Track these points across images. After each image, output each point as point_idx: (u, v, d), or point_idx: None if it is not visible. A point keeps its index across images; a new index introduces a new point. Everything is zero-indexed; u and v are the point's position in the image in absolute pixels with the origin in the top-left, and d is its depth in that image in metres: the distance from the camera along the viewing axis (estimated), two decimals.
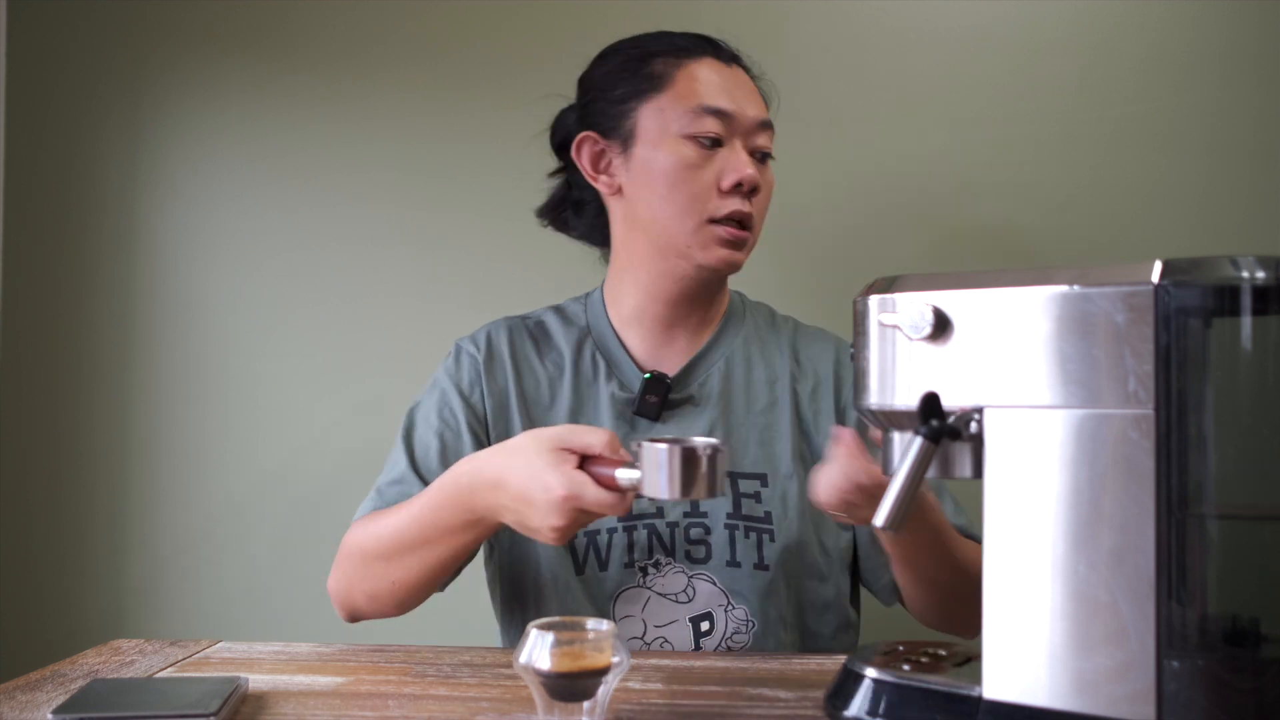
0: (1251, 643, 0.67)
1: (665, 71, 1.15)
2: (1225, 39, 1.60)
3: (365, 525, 1.09)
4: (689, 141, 1.12)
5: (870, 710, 0.77)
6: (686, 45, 1.17)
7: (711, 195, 1.12)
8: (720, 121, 1.12)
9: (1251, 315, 0.65)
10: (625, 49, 1.20)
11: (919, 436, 0.72)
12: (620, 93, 1.17)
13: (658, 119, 1.14)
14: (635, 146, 1.15)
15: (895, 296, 0.75)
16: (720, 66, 1.16)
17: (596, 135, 1.18)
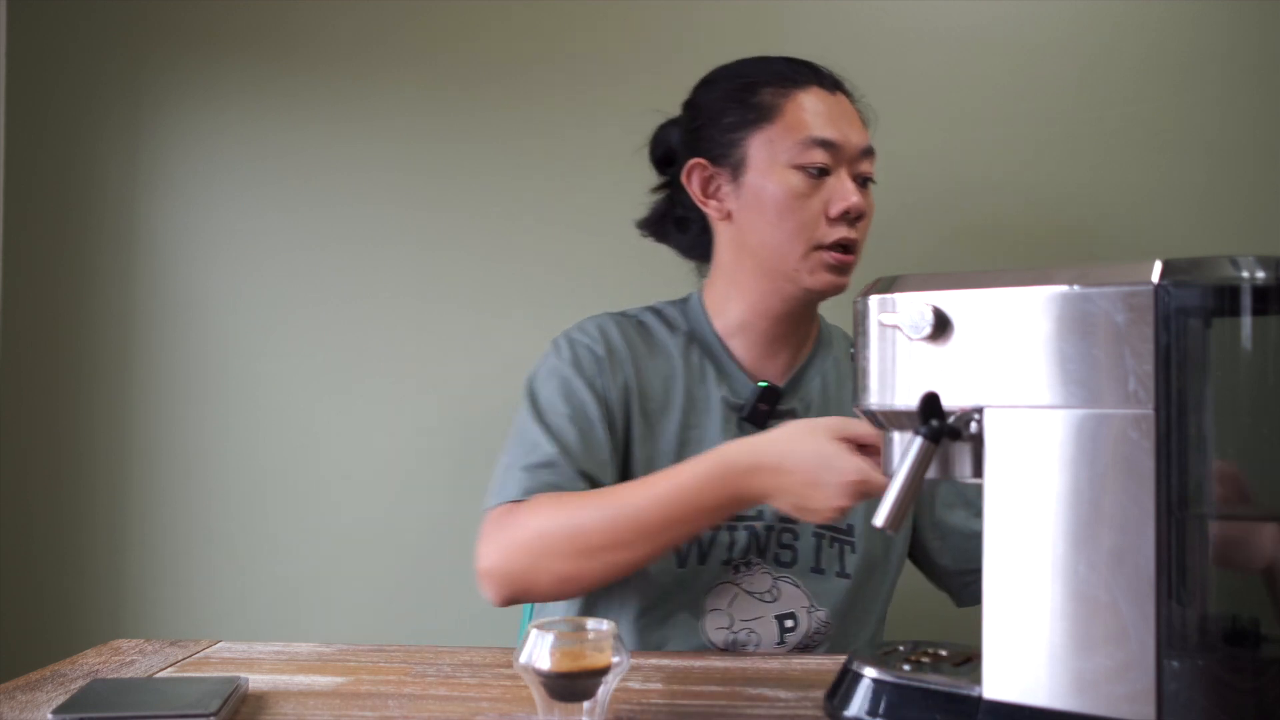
0: (1251, 643, 0.67)
1: (773, 102, 1.18)
2: (1225, 39, 1.60)
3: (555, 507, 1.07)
4: (797, 171, 1.16)
5: (870, 710, 0.77)
6: (792, 74, 1.19)
7: (819, 223, 1.16)
8: (827, 152, 1.16)
9: (1251, 315, 0.65)
10: (731, 76, 1.24)
11: (919, 436, 0.72)
12: (729, 122, 1.20)
13: (767, 149, 1.17)
14: (745, 175, 1.19)
15: (895, 296, 0.75)
16: (825, 95, 1.19)
17: (706, 162, 1.22)
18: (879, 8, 1.65)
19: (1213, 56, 1.60)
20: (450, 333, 1.70)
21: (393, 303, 1.69)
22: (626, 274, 1.68)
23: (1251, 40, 1.60)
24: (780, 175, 1.16)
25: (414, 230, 1.69)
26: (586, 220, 1.68)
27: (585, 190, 1.68)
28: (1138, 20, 1.61)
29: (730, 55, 1.56)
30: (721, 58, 1.69)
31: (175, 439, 1.71)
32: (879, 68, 1.65)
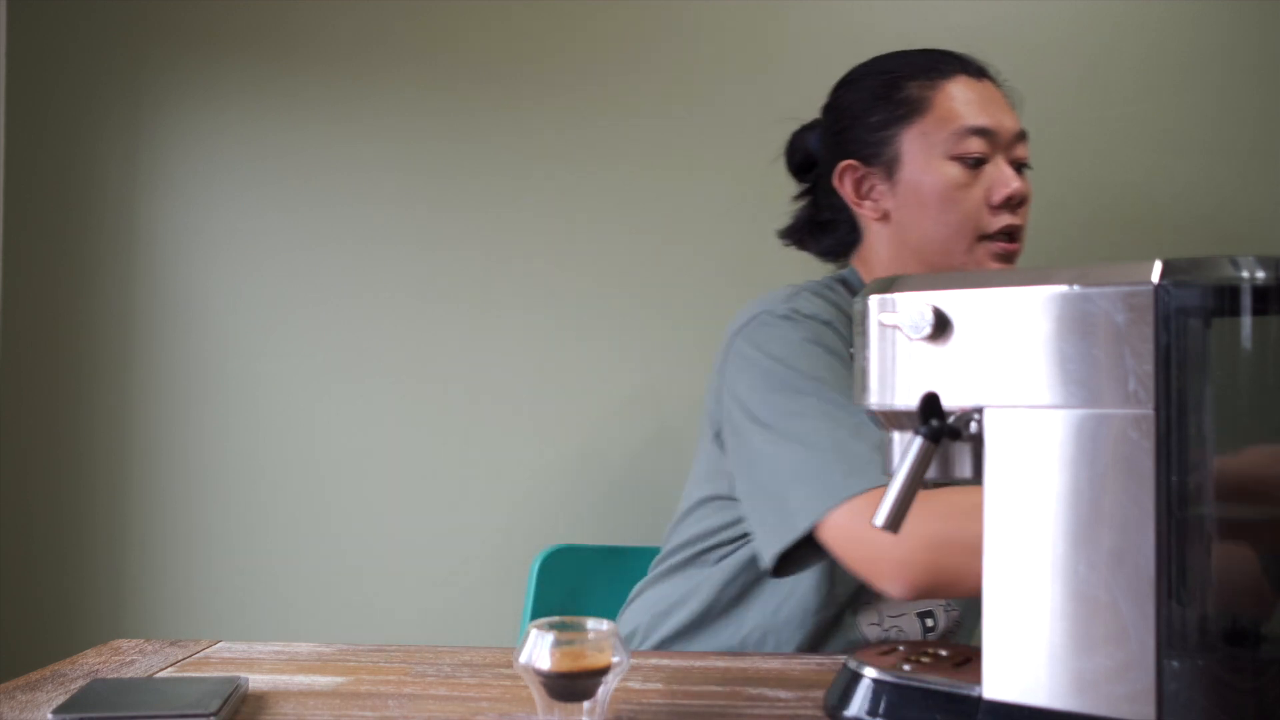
0: (1251, 643, 0.67)
1: (921, 95, 1.17)
2: (1225, 39, 1.60)
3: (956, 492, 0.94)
4: (955, 163, 1.15)
5: (870, 710, 0.77)
6: (937, 65, 1.18)
7: (982, 212, 1.14)
8: (983, 139, 1.15)
9: (1251, 315, 0.65)
10: (871, 74, 1.22)
11: (919, 436, 0.72)
12: (877, 120, 1.19)
13: (921, 143, 1.16)
14: (900, 172, 1.18)
15: (895, 296, 0.75)
16: (972, 82, 1.18)
17: (857, 163, 1.21)
18: (879, 8, 1.65)
19: (1213, 56, 1.60)
20: (450, 332, 1.70)
21: (393, 302, 1.70)
22: (627, 273, 1.68)
23: (1251, 40, 1.60)
24: (938, 168, 1.15)
25: (414, 230, 1.70)
26: (587, 220, 1.68)
27: (586, 190, 1.68)
28: (1138, 20, 1.61)
29: (730, 55, 1.57)
30: (722, 57, 1.70)
31: (175, 439, 1.71)
32: None
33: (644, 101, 1.68)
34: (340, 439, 1.70)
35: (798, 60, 1.65)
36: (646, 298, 1.69)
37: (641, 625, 1.25)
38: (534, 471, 1.68)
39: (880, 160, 1.19)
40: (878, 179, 1.20)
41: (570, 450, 1.68)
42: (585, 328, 1.69)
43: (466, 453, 1.68)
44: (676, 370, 1.68)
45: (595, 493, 1.67)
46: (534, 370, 1.68)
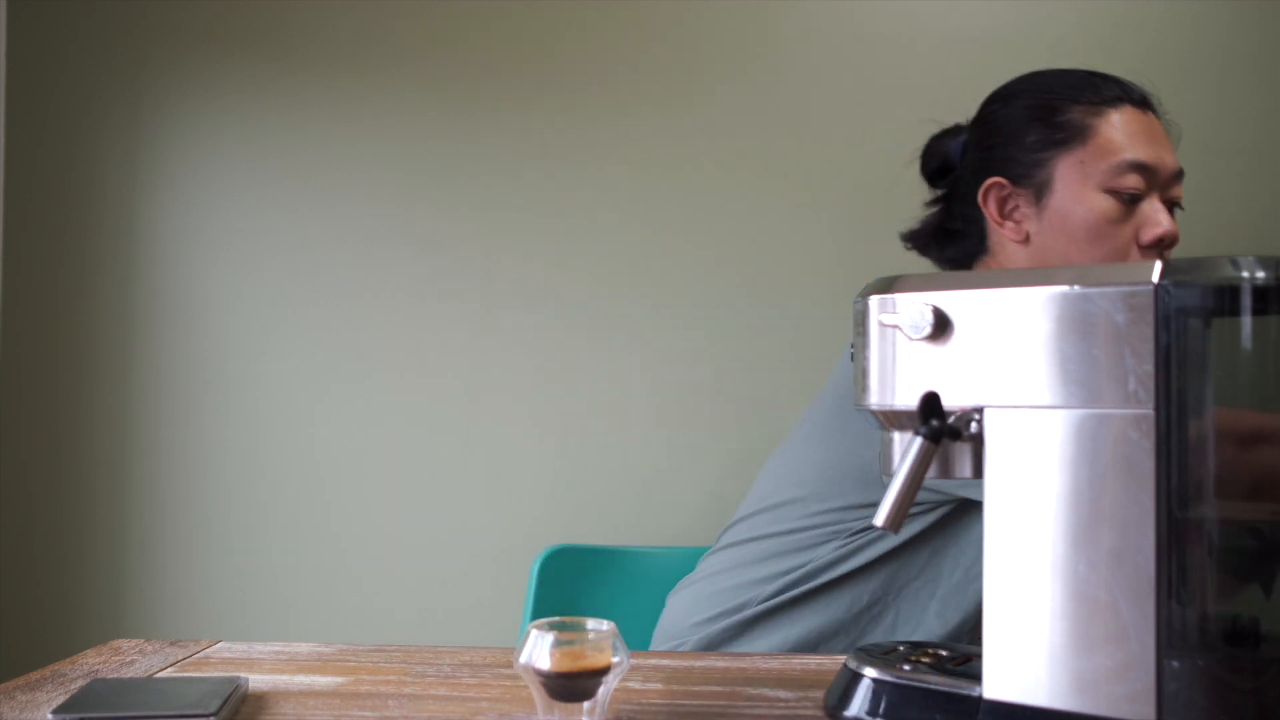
0: (1251, 643, 0.67)
1: (1084, 121, 1.13)
2: (1225, 39, 1.61)
3: None
4: (1110, 196, 1.12)
5: (870, 710, 0.77)
6: (1104, 91, 1.15)
7: (1130, 250, 1.13)
8: (1142, 175, 1.12)
9: (1251, 315, 0.65)
10: (1031, 92, 1.19)
11: (919, 436, 0.72)
12: (1033, 141, 1.15)
13: (1078, 171, 1.13)
14: (1050, 198, 1.15)
15: (895, 296, 0.75)
16: (1137, 113, 1.14)
17: (1005, 181, 1.18)
18: (878, 8, 1.65)
19: (1213, 56, 1.60)
20: (450, 332, 1.70)
21: (393, 302, 1.70)
22: (627, 273, 1.68)
23: (1251, 40, 1.60)
24: (1091, 199, 1.12)
25: (414, 230, 1.70)
26: (587, 219, 1.68)
27: (585, 189, 1.68)
28: (1138, 20, 1.61)
29: (730, 55, 1.56)
30: (722, 56, 1.70)
31: (175, 439, 1.71)
32: (878, 68, 1.65)
33: (644, 101, 1.67)
34: (340, 439, 1.70)
35: (798, 60, 1.65)
36: (646, 297, 1.69)
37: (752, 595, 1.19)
38: (534, 471, 1.68)
39: (1030, 182, 1.16)
40: (1024, 201, 1.16)
41: (570, 450, 1.68)
42: (585, 327, 1.69)
43: (466, 453, 1.68)
44: (677, 369, 1.68)
45: (595, 493, 1.67)
46: (534, 370, 1.68)
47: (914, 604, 1.15)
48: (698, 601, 1.23)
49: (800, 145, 1.66)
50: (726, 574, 1.23)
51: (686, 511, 1.65)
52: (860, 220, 1.65)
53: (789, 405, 1.64)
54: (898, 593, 1.16)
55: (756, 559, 1.21)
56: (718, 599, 1.21)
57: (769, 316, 1.65)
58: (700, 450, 1.67)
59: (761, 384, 1.66)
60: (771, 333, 1.65)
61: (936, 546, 1.15)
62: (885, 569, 1.16)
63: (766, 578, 1.19)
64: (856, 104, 1.65)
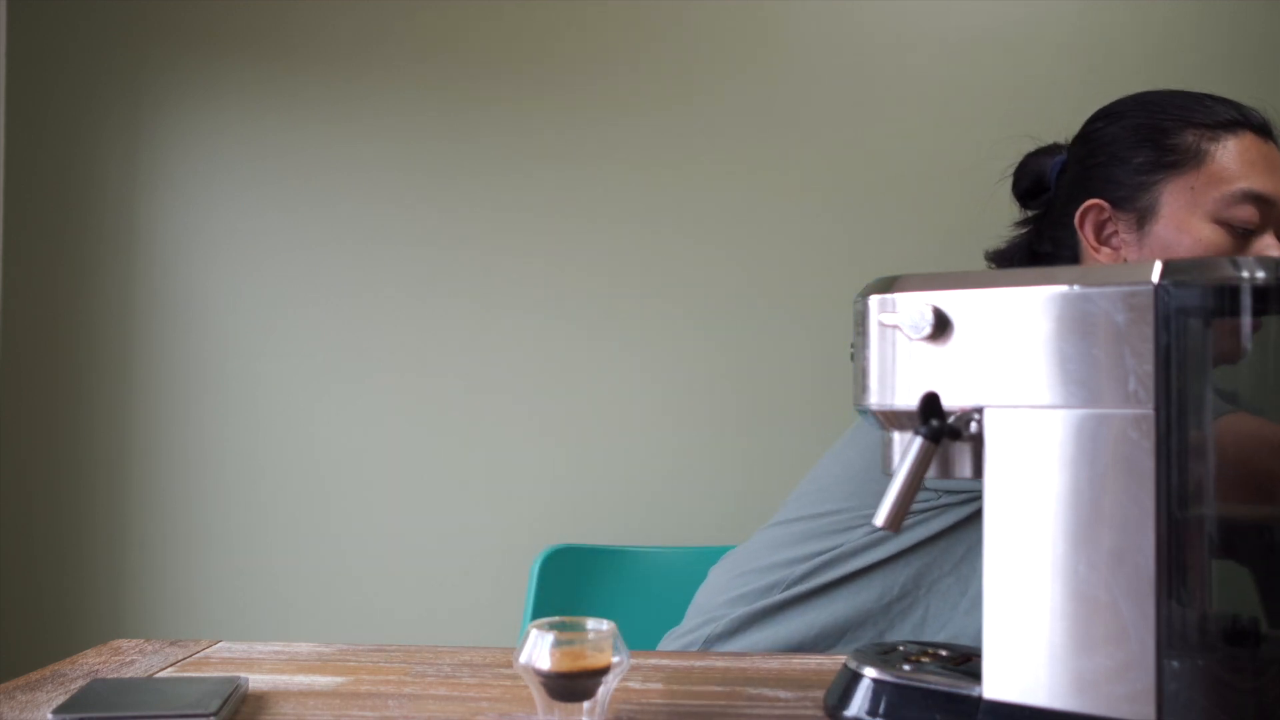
0: (1251, 643, 0.67)
1: (1198, 146, 1.08)
2: (1226, 41, 1.60)
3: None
4: (1220, 227, 1.05)
5: (870, 710, 0.77)
6: (1221, 115, 1.09)
7: None
8: (1258, 208, 1.05)
9: (1251, 315, 0.65)
10: (1142, 111, 1.14)
11: (919, 436, 0.72)
12: (1140, 163, 1.10)
13: (1187, 198, 1.07)
14: (1153, 224, 1.08)
15: (895, 296, 0.75)
16: (1259, 143, 1.08)
17: (1105, 204, 1.12)
18: (878, 8, 1.65)
19: (1213, 57, 1.60)
20: (450, 332, 1.70)
21: (393, 302, 1.70)
22: (627, 273, 1.68)
23: (1251, 41, 1.60)
24: (1198, 229, 1.05)
25: (414, 230, 1.70)
26: (587, 219, 1.68)
27: (585, 189, 1.68)
28: (1139, 21, 1.61)
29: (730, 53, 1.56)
30: (722, 56, 1.69)
31: (175, 439, 1.71)
32: (879, 68, 1.65)
33: (644, 102, 1.67)
34: (340, 439, 1.69)
35: (798, 60, 1.65)
36: (647, 297, 1.69)
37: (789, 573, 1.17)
38: (534, 471, 1.68)
39: (1133, 206, 1.10)
40: (1124, 226, 1.10)
41: (571, 450, 1.68)
42: (585, 327, 1.69)
43: (467, 453, 1.68)
44: (677, 369, 1.68)
45: (595, 493, 1.67)
46: (534, 370, 1.68)
47: (944, 601, 1.14)
48: (731, 578, 1.22)
49: (800, 145, 1.66)
50: (763, 552, 1.21)
51: (687, 511, 1.65)
52: (861, 220, 1.65)
53: (789, 404, 1.64)
54: (929, 587, 1.14)
55: (793, 540, 1.20)
56: (750, 577, 1.20)
57: (769, 316, 1.65)
58: (701, 450, 1.67)
59: (761, 383, 1.66)
60: (771, 332, 1.65)
61: (973, 543, 1.14)
62: (918, 560, 1.14)
63: (798, 559, 1.17)
64: (857, 104, 1.65)
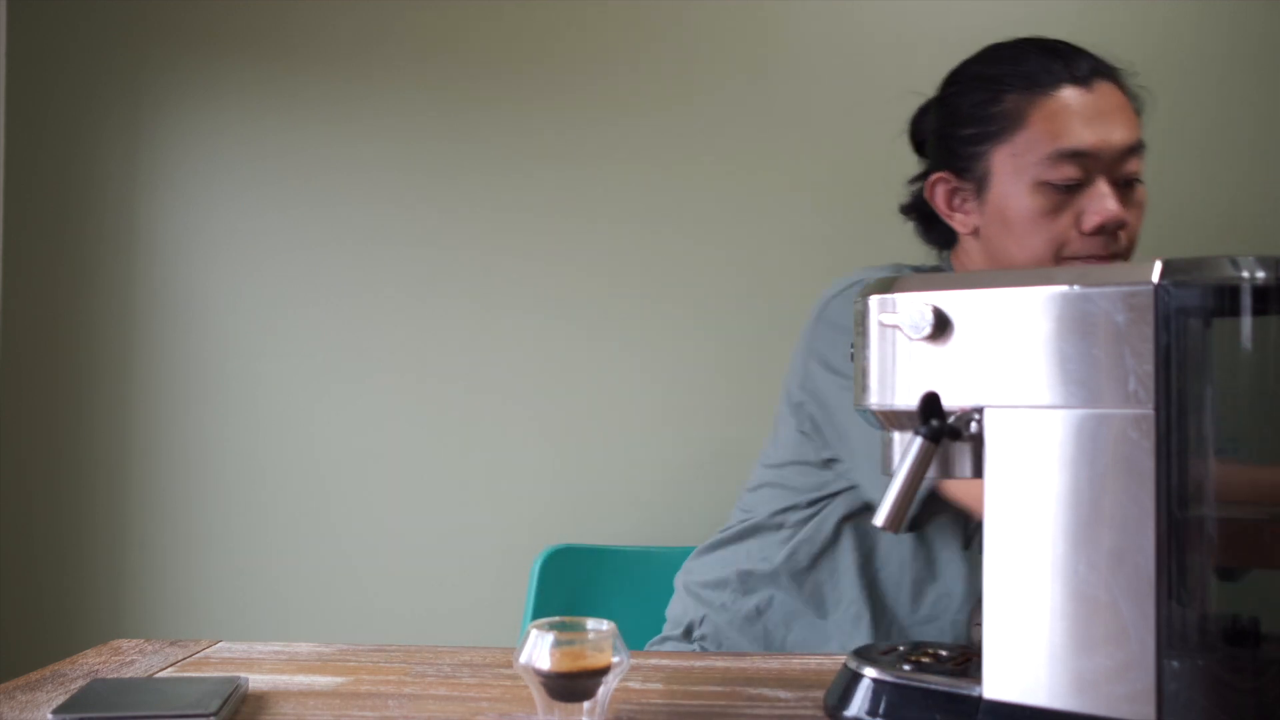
0: (1251, 643, 0.67)
1: (1017, 109, 1.09)
2: (1226, 40, 1.61)
3: None
4: (1045, 187, 1.07)
5: (870, 710, 0.77)
6: (1041, 73, 1.10)
7: (1070, 238, 1.07)
8: (1078, 163, 1.06)
9: (1251, 315, 0.65)
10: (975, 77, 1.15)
11: (919, 436, 0.72)
12: (971, 133, 1.12)
13: (1012, 164, 1.09)
14: (989, 191, 1.11)
15: (895, 296, 0.75)
16: (1079, 93, 1.08)
17: (950, 175, 1.15)
18: (879, 8, 1.65)
19: (1213, 57, 1.60)
20: (450, 332, 1.70)
21: (393, 302, 1.69)
22: (627, 273, 1.68)
23: (1251, 40, 1.60)
24: (1025, 193, 1.07)
25: (414, 230, 1.70)
26: (587, 219, 1.68)
27: (585, 189, 1.68)
28: (1139, 22, 1.61)
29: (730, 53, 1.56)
30: (722, 56, 1.69)
31: (175, 439, 1.71)
32: (879, 68, 1.65)
33: (644, 101, 1.67)
34: (340, 439, 1.69)
35: (798, 60, 1.65)
36: (647, 297, 1.69)
37: (731, 579, 1.22)
38: (534, 471, 1.68)
39: (972, 176, 1.12)
40: (969, 194, 1.13)
41: (570, 450, 1.68)
42: (585, 327, 1.69)
43: (467, 453, 1.68)
44: (677, 369, 1.68)
45: (595, 493, 1.67)
46: (534, 370, 1.68)
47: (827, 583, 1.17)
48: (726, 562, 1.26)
49: (800, 145, 1.66)
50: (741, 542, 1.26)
51: (687, 511, 1.65)
52: (861, 220, 1.65)
53: None
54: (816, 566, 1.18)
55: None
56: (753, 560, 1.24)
57: (769, 316, 1.65)
58: (700, 450, 1.67)
59: (761, 383, 1.66)
60: (771, 332, 1.65)
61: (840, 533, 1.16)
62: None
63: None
64: (857, 104, 1.65)
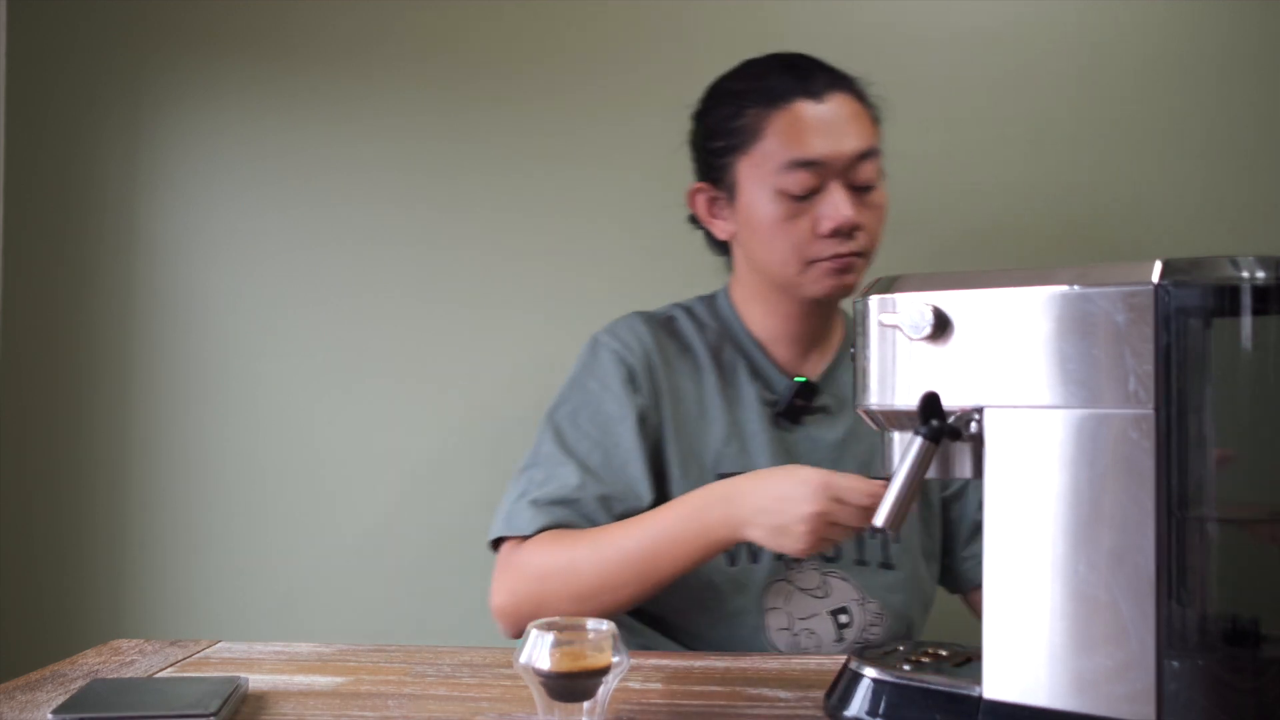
0: (1251, 643, 0.67)
1: (755, 125, 1.16)
2: (1225, 40, 1.60)
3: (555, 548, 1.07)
4: (783, 196, 1.14)
5: (870, 710, 0.77)
6: (775, 89, 1.16)
7: (810, 241, 1.15)
8: (810, 171, 1.13)
9: (1251, 315, 0.65)
10: (721, 94, 1.22)
11: (919, 436, 0.72)
12: (719, 145, 1.20)
13: (753, 174, 1.16)
14: (738, 199, 1.19)
15: (895, 296, 0.75)
16: (810, 106, 1.15)
17: (707, 185, 1.23)
18: (879, 8, 1.65)
19: (1213, 57, 1.60)
20: (451, 332, 1.70)
21: (393, 302, 1.69)
22: (628, 271, 1.68)
23: (1251, 40, 1.60)
24: (765, 201, 1.15)
25: (414, 230, 1.69)
26: (587, 220, 1.68)
27: (586, 188, 1.68)
28: (1138, 20, 1.61)
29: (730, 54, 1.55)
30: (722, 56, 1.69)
31: (175, 439, 1.71)
32: (879, 68, 1.65)
33: (644, 101, 1.67)
34: (340, 439, 1.69)
35: None
36: (647, 297, 1.69)
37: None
38: None
39: (724, 185, 1.20)
40: (724, 202, 1.21)
41: None
42: (585, 328, 1.68)
43: (467, 453, 1.68)
44: None
45: None
46: (534, 370, 1.68)
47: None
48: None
49: None
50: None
51: None
52: None
53: None
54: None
55: None
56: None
57: None
58: None
59: None
60: None
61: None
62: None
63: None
64: None
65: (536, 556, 1.08)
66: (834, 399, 1.23)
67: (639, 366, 1.20)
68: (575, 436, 1.16)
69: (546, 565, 1.07)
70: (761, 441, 1.18)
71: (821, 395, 1.22)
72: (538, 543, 1.09)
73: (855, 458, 1.20)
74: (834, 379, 1.24)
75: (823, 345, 1.26)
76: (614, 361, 1.20)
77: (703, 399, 1.20)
